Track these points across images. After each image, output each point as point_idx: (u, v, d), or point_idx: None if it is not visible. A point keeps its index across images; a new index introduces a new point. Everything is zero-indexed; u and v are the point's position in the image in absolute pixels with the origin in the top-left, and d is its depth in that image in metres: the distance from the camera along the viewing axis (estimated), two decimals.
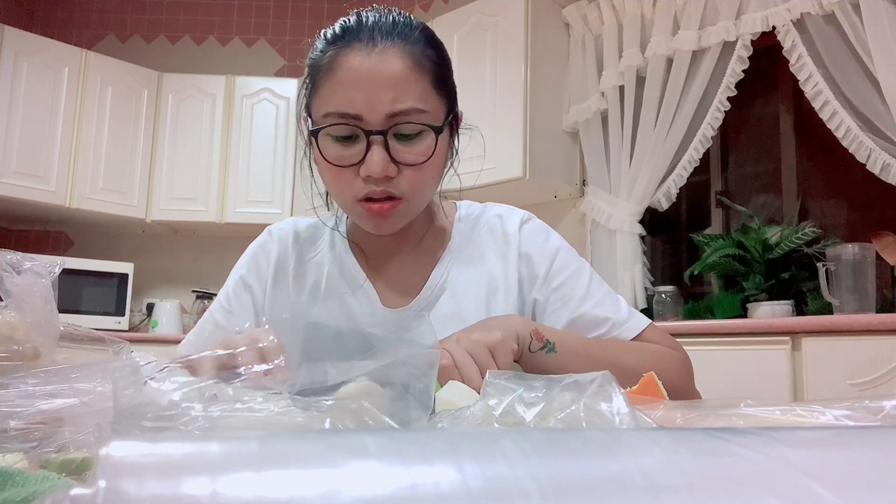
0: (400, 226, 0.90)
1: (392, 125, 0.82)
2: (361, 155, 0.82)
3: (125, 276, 3.93)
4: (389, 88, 0.81)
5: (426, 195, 0.90)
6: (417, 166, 0.84)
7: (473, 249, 0.98)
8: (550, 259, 0.96)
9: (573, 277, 0.95)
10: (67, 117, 3.80)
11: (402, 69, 0.82)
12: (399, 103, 0.81)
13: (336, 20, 0.88)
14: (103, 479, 0.19)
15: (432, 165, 0.85)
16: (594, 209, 3.04)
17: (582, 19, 3.17)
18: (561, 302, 0.93)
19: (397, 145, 0.83)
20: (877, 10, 2.29)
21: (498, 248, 0.97)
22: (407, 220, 0.90)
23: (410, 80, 0.82)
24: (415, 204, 0.88)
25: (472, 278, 0.96)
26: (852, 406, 0.41)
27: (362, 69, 0.81)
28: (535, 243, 0.97)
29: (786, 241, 2.52)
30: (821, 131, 2.47)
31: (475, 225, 1.00)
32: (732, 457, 0.23)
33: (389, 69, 0.81)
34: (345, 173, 0.84)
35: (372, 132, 0.81)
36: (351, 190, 0.85)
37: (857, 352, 1.95)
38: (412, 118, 0.82)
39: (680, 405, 0.47)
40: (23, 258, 0.59)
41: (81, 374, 0.45)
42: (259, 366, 0.57)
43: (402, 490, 0.20)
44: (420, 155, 0.83)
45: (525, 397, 0.40)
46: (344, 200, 0.89)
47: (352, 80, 0.82)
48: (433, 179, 0.88)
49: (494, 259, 0.97)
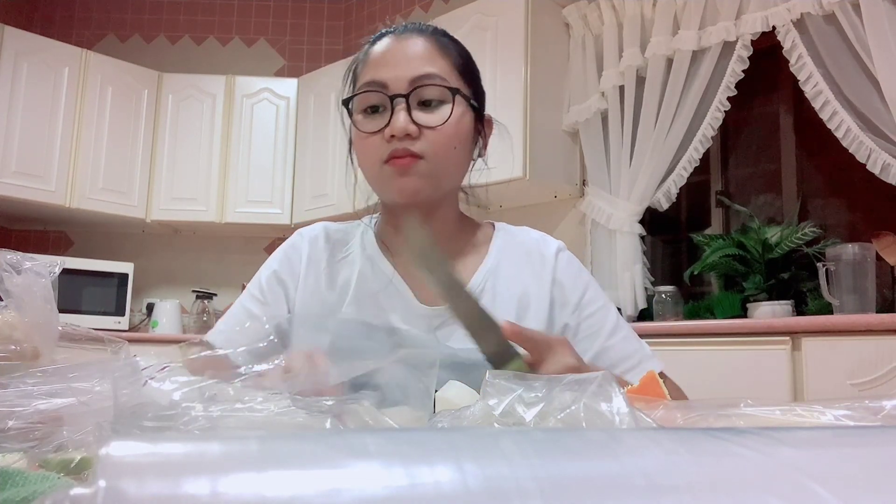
0: (424, 192, 0.92)
1: (414, 88, 0.89)
2: (387, 120, 0.89)
3: (125, 276, 3.93)
4: (413, 60, 0.91)
5: (447, 164, 0.92)
6: (437, 129, 0.89)
7: (510, 264, 1.01)
8: (583, 289, 1.00)
9: (603, 310, 0.99)
10: (67, 117, 3.80)
11: (425, 48, 0.93)
12: (421, 70, 0.90)
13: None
14: (103, 478, 0.19)
15: (452, 130, 0.91)
16: (594, 209, 3.04)
17: (582, 19, 3.17)
18: (592, 330, 0.97)
19: (419, 111, 0.90)
20: (877, 10, 2.29)
21: (533, 268, 1.00)
22: (429, 186, 0.92)
23: (434, 57, 0.92)
24: (435, 166, 0.91)
25: (507, 290, 0.98)
26: (852, 406, 0.41)
27: (390, 48, 0.93)
28: (570, 272, 1.01)
29: (786, 241, 2.52)
30: (821, 131, 2.47)
31: (512, 242, 1.04)
32: (732, 457, 0.23)
33: (415, 47, 0.93)
34: (372, 140, 0.91)
35: (395, 96, 0.89)
36: (377, 154, 0.91)
37: (857, 352, 1.95)
38: (433, 81, 0.90)
39: (680, 405, 0.47)
40: (23, 258, 0.59)
41: (80, 373, 0.45)
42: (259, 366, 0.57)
43: (402, 490, 0.20)
44: (439, 118, 0.90)
45: (525, 397, 0.40)
46: (373, 169, 0.93)
47: (381, 58, 0.93)
48: (454, 150, 0.92)
49: (529, 278, 0.99)
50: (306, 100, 4.06)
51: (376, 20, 4.25)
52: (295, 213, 4.00)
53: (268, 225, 4.04)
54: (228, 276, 4.19)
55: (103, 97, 3.93)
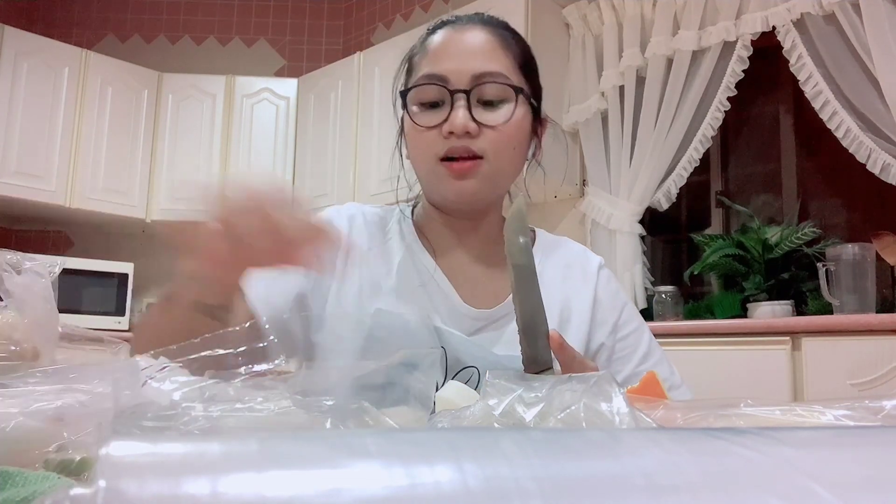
0: (482, 194, 0.88)
1: (476, 85, 0.85)
2: (446, 115, 0.85)
3: (125, 276, 3.93)
4: (476, 55, 0.87)
5: (506, 165, 0.89)
6: (498, 128, 0.86)
7: (553, 276, 0.96)
8: (620, 310, 0.97)
9: (637, 332, 0.96)
10: (67, 117, 3.80)
11: (489, 42, 0.88)
12: (484, 66, 0.86)
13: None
14: (103, 479, 0.19)
15: (513, 130, 0.87)
16: (594, 209, 3.04)
17: (582, 19, 3.17)
18: (626, 352, 0.95)
19: (480, 109, 0.86)
20: (877, 10, 2.29)
21: (575, 281, 0.97)
22: (488, 189, 0.89)
23: (497, 52, 0.88)
24: (496, 167, 0.87)
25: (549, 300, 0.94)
26: (852, 406, 0.41)
27: (451, 40, 0.89)
28: (609, 291, 0.98)
29: (786, 241, 2.52)
30: (821, 131, 2.47)
31: (554, 253, 1.00)
32: (732, 457, 0.23)
33: (477, 40, 0.88)
34: (428, 135, 0.86)
35: (457, 91, 0.85)
36: (433, 149, 0.86)
37: (857, 352, 1.95)
38: (497, 79, 0.86)
39: (680, 405, 0.47)
40: (23, 258, 0.59)
41: (79, 374, 0.45)
42: (259, 365, 0.57)
43: (402, 490, 0.20)
44: (501, 117, 0.86)
45: (525, 397, 0.40)
46: (427, 164, 0.88)
47: (442, 50, 0.89)
48: (513, 151, 0.89)
49: (571, 290, 0.96)
50: (306, 100, 4.06)
51: (376, 20, 4.25)
52: None
53: None
54: None
55: (103, 97, 3.93)
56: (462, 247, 0.95)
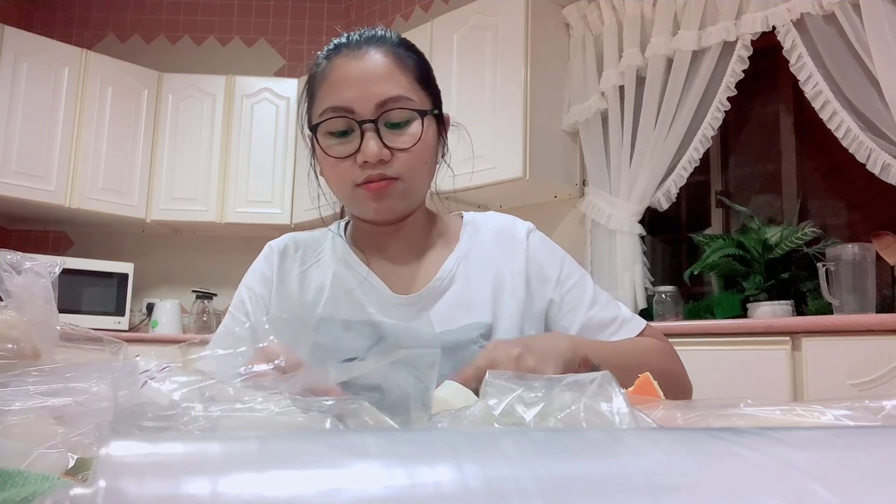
0: (399, 209, 0.94)
1: (381, 113, 0.89)
2: (357, 145, 0.89)
3: (125, 276, 3.93)
4: (377, 81, 0.89)
5: (420, 179, 0.94)
6: (408, 150, 0.90)
7: (481, 249, 1.03)
8: (559, 265, 1.03)
9: (581, 283, 1.02)
10: (67, 117, 3.80)
11: (386, 65, 0.91)
12: (386, 93, 0.89)
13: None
14: (103, 478, 0.19)
15: (423, 149, 0.91)
16: (594, 209, 3.04)
17: (582, 19, 3.17)
18: (574, 303, 1.00)
19: (388, 133, 0.89)
20: (877, 10, 2.29)
21: (505, 249, 1.03)
22: (405, 203, 0.94)
23: (395, 74, 0.91)
24: (410, 185, 0.92)
25: (480, 273, 1.00)
26: (852, 406, 0.41)
27: (351, 68, 0.91)
28: (544, 250, 1.04)
29: (786, 241, 2.52)
30: (821, 131, 2.47)
31: (481, 228, 1.06)
32: (732, 457, 0.23)
33: (375, 65, 0.90)
34: (343, 164, 0.91)
35: (364, 121, 0.88)
36: (350, 177, 0.91)
37: (857, 352, 1.95)
38: (401, 104, 0.89)
39: (679, 405, 0.47)
40: (23, 258, 0.59)
41: (77, 373, 0.45)
42: (259, 366, 0.57)
43: (402, 490, 0.20)
44: (410, 138, 0.90)
45: (525, 397, 0.40)
46: (345, 189, 0.93)
47: (342, 79, 0.90)
48: (425, 165, 0.94)
49: (502, 259, 1.02)
50: None
51: (376, 20, 4.25)
52: (295, 213, 4.00)
53: (268, 225, 4.03)
54: (228, 277, 4.19)
55: (103, 97, 3.93)
56: (390, 247, 1.02)
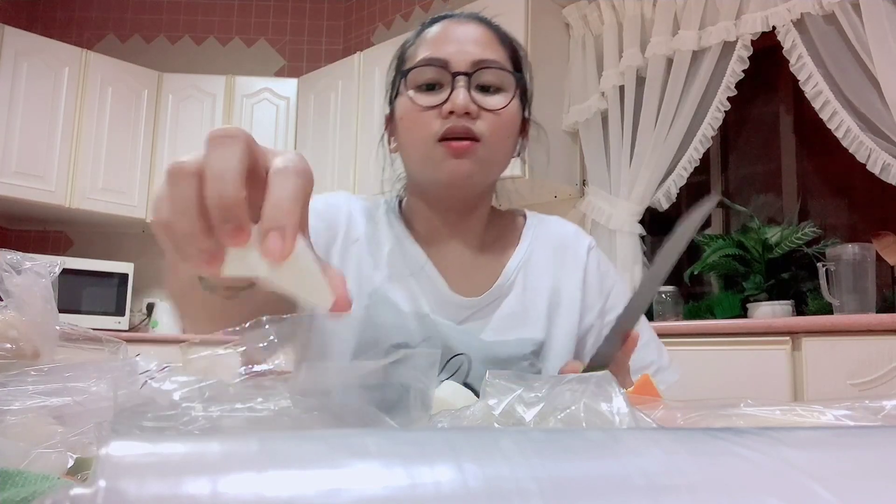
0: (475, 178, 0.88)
1: (476, 70, 0.87)
2: (445, 97, 0.86)
3: (125, 276, 3.93)
4: (476, 44, 0.88)
5: (501, 152, 0.90)
6: (497, 112, 0.87)
7: (542, 257, 0.98)
8: (607, 294, 0.98)
9: None
10: (67, 117, 3.80)
11: (485, 34, 0.91)
12: (483, 54, 0.88)
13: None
14: (103, 478, 0.19)
15: (509, 118, 0.89)
16: (594, 209, 3.04)
17: (582, 19, 3.17)
18: None
19: (478, 94, 0.87)
20: (877, 10, 2.29)
21: (564, 262, 0.98)
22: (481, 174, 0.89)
23: (494, 45, 0.90)
24: (491, 154, 0.88)
25: (538, 283, 0.96)
26: (852, 406, 0.41)
27: (450, 29, 0.90)
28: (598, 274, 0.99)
29: (786, 241, 2.52)
30: (821, 131, 2.47)
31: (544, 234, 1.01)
32: (732, 457, 0.23)
33: (475, 32, 0.90)
34: (427, 114, 0.87)
35: (458, 73, 0.86)
36: (431, 129, 0.86)
37: (857, 352, 1.95)
38: (497, 65, 0.88)
39: (679, 405, 0.47)
40: (23, 258, 0.59)
41: (76, 373, 0.45)
42: (259, 366, 0.56)
43: (402, 490, 0.20)
44: (501, 100, 0.88)
45: (525, 397, 0.40)
46: (424, 142, 0.87)
47: (441, 37, 0.90)
48: (508, 139, 0.91)
49: (561, 272, 0.97)
50: (306, 100, 4.06)
51: (376, 20, 4.25)
52: None
53: None
54: None
55: (103, 97, 3.93)
56: (451, 238, 0.96)
